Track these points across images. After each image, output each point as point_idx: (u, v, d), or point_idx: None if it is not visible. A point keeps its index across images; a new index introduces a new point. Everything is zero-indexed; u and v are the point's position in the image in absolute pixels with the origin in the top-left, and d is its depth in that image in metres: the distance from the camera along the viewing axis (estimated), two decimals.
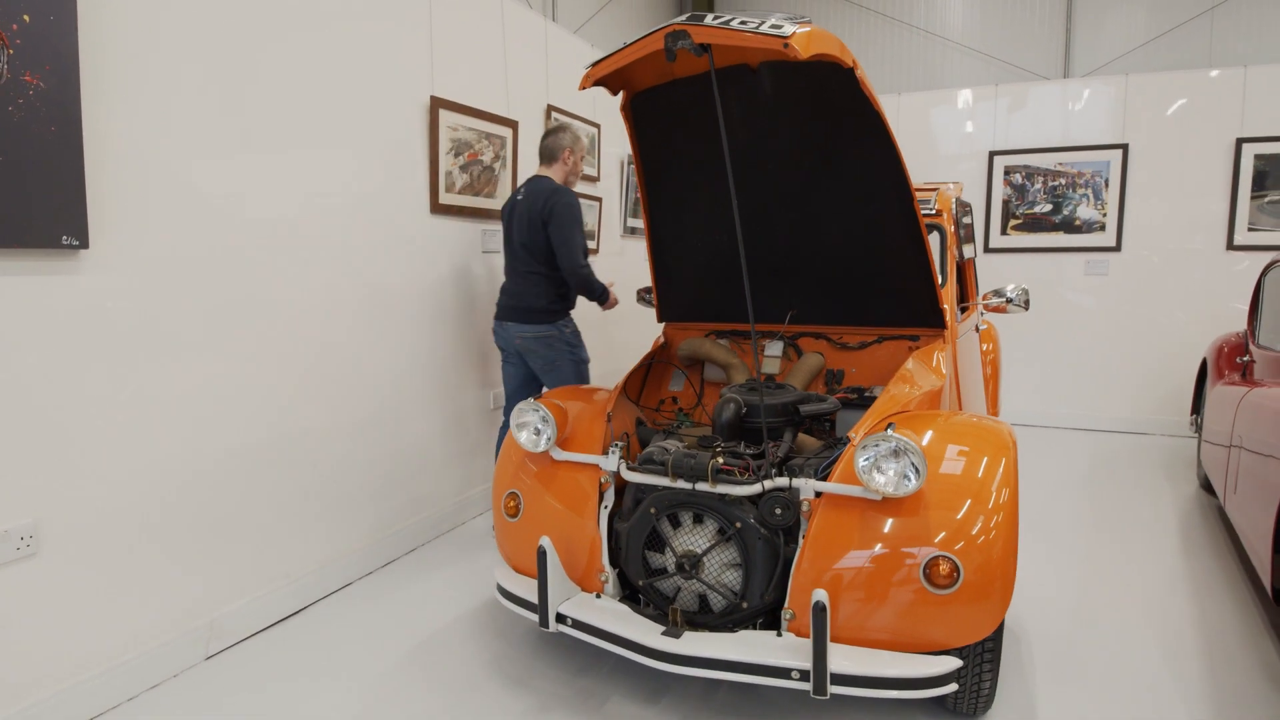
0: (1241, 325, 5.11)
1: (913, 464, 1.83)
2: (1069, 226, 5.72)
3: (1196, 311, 5.45)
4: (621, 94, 2.50)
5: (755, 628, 2.04)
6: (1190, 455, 5.04)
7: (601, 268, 4.94)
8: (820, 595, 1.81)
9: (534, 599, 2.20)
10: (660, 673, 2.35)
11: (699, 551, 2.05)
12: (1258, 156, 5.13)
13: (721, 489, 2.01)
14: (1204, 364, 4.42)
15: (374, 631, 2.69)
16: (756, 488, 1.99)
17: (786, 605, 1.94)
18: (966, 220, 3.49)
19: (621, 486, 2.32)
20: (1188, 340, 5.46)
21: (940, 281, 2.67)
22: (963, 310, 3.40)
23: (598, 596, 2.20)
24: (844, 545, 1.92)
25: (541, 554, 2.11)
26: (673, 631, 1.97)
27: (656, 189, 2.79)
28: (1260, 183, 5.15)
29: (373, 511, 3.19)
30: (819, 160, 2.46)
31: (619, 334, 5.02)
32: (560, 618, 2.13)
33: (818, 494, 1.99)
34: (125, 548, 2.24)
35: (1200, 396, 4.45)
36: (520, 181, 3.85)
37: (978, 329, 3.95)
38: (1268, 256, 5.19)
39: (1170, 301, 5.53)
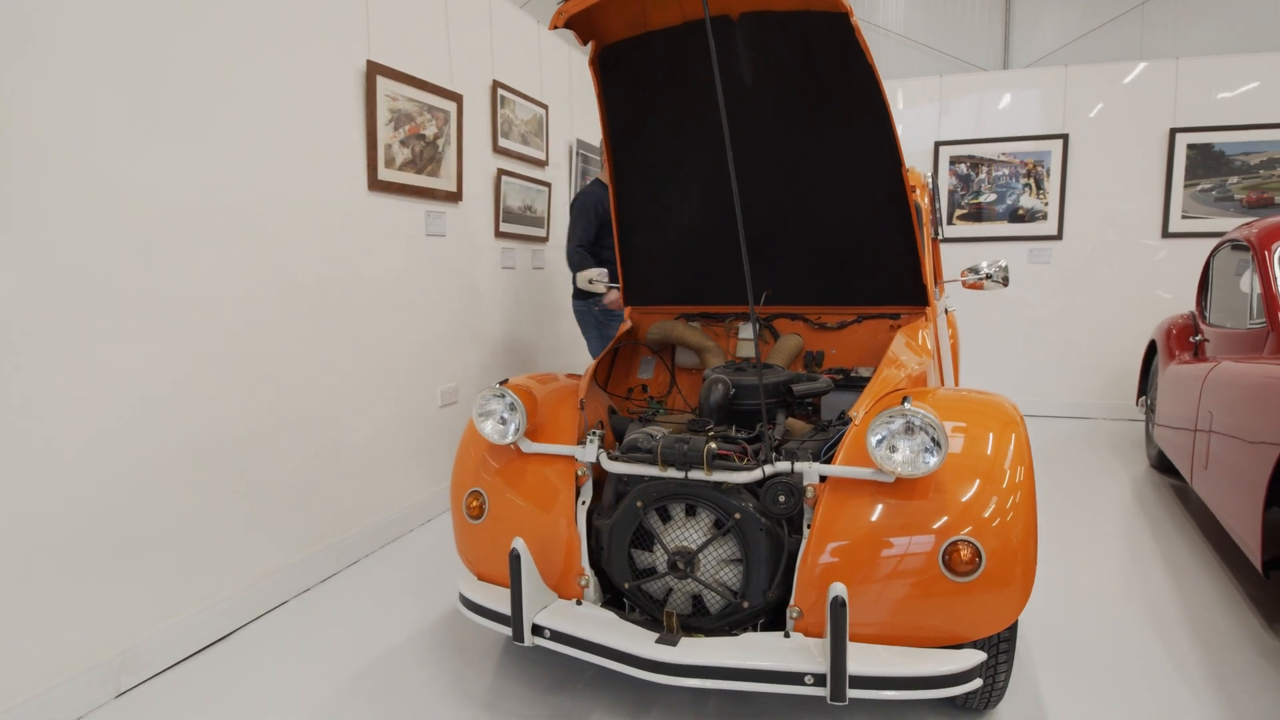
0: (1174, 310, 5.24)
1: (933, 439, 1.67)
2: (1012, 216, 5.78)
3: (1134, 297, 5.58)
4: (590, 46, 2.27)
5: (755, 629, 1.84)
6: (1136, 437, 5.13)
7: (551, 258, 4.68)
8: (839, 589, 1.62)
9: (505, 610, 1.95)
10: (645, 683, 2.13)
11: (693, 547, 1.84)
12: (1190, 146, 5.28)
13: (718, 476, 1.81)
14: (1150, 346, 4.49)
15: (314, 655, 2.38)
16: (757, 474, 1.80)
17: (793, 602, 1.75)
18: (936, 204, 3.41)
19: (600, 479, 2.10)
20: (1127, 325, 5.59)
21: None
22: None
23: (578, 603, 1.96)
24: (853, 533, 1.74)
25: (515, 558, 1.86)
26: (668, 639, 1.75)
27: (624, 158, 2.58)
28: (1193, 171, 5.30)
29: (309, 522, 2.86)
30: (803, 124, 2.29)
31: (568, 326, 4.77)
32: (537, 630, 1.88)
33: (822, 479, 1.82)
34: (16, 571, 1.88)
35: (1147, 379, 4.52)
36: (463, 164, 3.61)
37: (946, 311, 3.89)
38: (1201, 243, 5.34)
39: (1109, 288, 5.65)
